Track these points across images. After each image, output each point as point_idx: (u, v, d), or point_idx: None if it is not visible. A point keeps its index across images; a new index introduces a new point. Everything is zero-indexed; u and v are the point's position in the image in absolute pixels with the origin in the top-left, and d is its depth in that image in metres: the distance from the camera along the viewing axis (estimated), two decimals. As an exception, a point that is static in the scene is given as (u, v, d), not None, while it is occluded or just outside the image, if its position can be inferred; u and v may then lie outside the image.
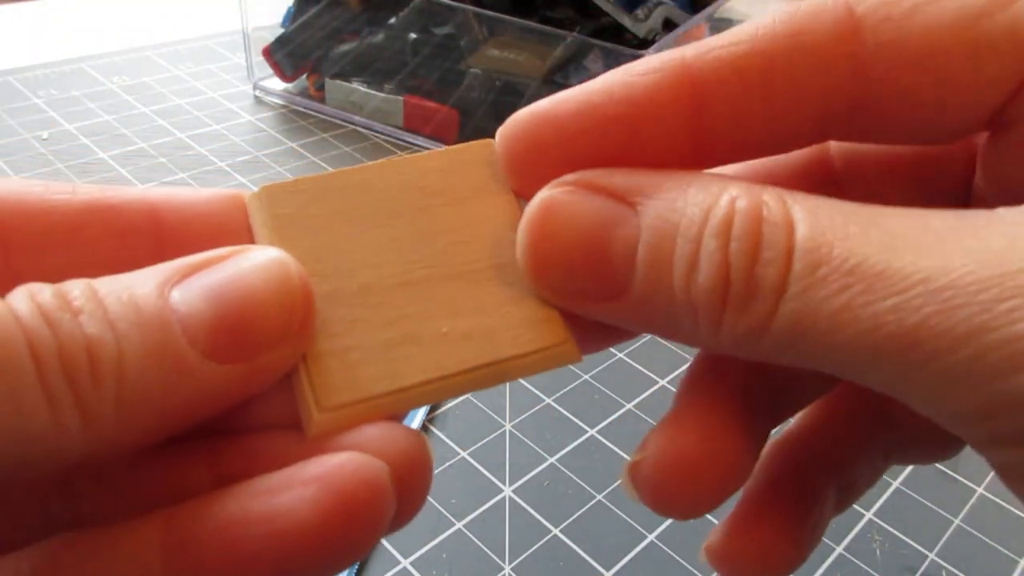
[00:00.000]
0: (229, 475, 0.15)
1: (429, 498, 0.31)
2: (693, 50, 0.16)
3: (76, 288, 0.13)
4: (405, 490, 0.15)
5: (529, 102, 0.18)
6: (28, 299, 0.13)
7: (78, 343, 0.13)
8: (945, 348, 0.12)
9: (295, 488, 0.14)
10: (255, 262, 0.15)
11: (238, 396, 0.15)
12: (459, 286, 0.17)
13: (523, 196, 0.17)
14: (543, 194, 0.16)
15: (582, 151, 0.16)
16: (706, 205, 0.14)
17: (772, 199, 0.14)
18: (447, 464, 0.33)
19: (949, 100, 0.16)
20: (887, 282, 0.13)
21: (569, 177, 0.16)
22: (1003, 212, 0.13)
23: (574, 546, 0.30)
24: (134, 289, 0.14)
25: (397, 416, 0.17)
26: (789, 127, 0.16)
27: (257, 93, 0.61)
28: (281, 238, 0.16)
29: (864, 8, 0.16)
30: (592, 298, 0.16)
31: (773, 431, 0.19)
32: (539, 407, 0.36)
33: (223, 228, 0.16)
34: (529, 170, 0.17)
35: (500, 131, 0.17)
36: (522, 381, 0.38)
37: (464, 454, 0.33)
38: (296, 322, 0.15)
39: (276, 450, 0.16)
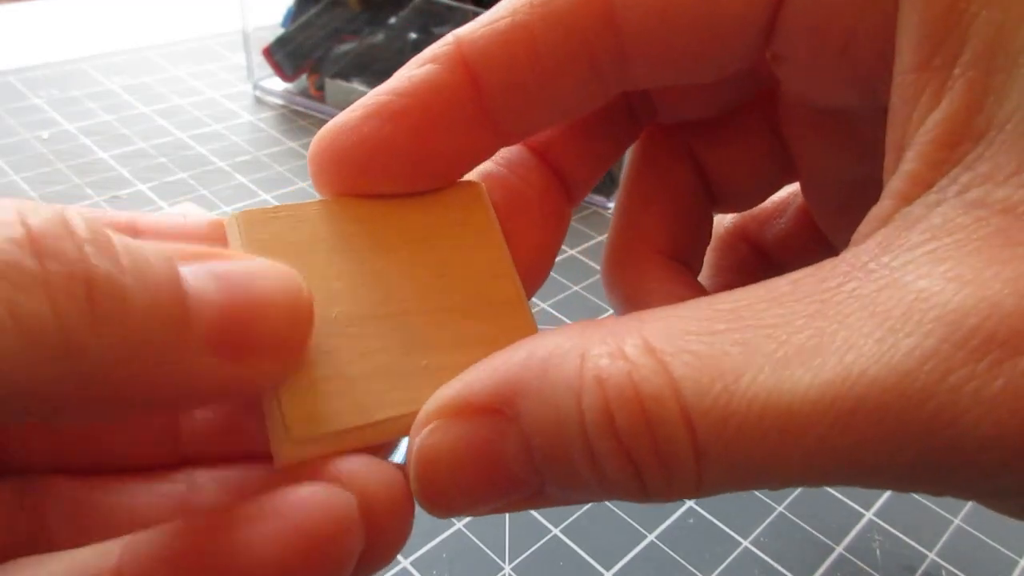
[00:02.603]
0: (199, 507, 0.15)
1: (429, 498, 0.31)
2: (466, 30, 0.16)
3: (78, 217, 0.12)
4: (381, 529, 0.14)
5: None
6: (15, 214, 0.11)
7: (77, 271, 0.11)
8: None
9: (257, 522, 0.13)
10: (269, 266, 0.14)
11: (217, 395, 0.14)
12: (439, 321, 0.16)
13: (351, 195, 0.17)
14: (415, 446, 0.14)
15: (385, 151, 0.16)
16: (574, 391, 0.13)
17: (639, 354, 0.13)
18: (447, 464, 0.33)
19: (700, 29, 0.16)
20: (800, 419, 0.12)
21: (432, 407, 0.15)
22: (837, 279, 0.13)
23: (574, 546, 0.30)
24: (145, 249, 0.13)
25: (372, 447, 0.16)
26: (565, 90, 0.16)
27: (257, 93, 0.61)
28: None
29: None
30: (516, 504, 0.15)
31: None
32: (539, 407, 0.36)
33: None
34: (343, 181, 0.17)
35: (309, 152, 0.17)
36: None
37: (464, 454, 0.33)
38: (299, 335, 0.14)
39: (247, 479, 0.15)
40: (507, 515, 0.30)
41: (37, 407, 0.12)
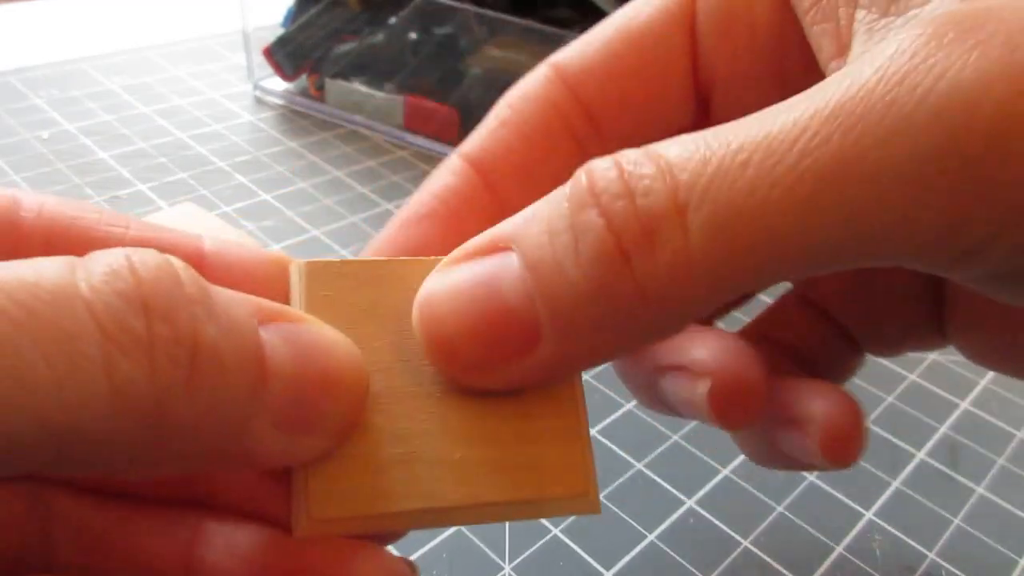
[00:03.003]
0: (202, 561, 0.15)
1: (429, 498, 0.31)
2: (467, 142, 0.19)
3: (186, 270, 0.12)
4: None
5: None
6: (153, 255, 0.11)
7: (184, 336, 0.11)
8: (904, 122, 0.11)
9: None
10: (339, 340, 0.14)
11: (266, 464, 0.14)
12: (482, 410, 0.15)
13: None
14: (419, 298, 0.15)
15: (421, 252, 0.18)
16: (564, 191, 0.14)
17: (630, 150, 0.13)
18: (447, 464, 0.33)
19: None
20: (783, 139, 0.12)
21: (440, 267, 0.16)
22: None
23: (574, 546, 0.30)
24: (234, 307, 0.12)
25: (393, 532, 0.16)
26: (556, 163, 0.19)
27: (257, 93, 0.61)
28: (315, 312, 0.15)
29: None
30: (513, 356, 0.14)
31: None
32: (539, 407, 0.36)
33: (264, 288, 0.15)
34: None
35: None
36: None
37: (464, 454, 0.33)
38: (355, 418, 0.14)
39: (255, 548, 0.15)
40: (507, 515, 0.31)
41: (113, 463, 0.12)
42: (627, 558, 0.29)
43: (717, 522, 0.31)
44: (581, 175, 0.14)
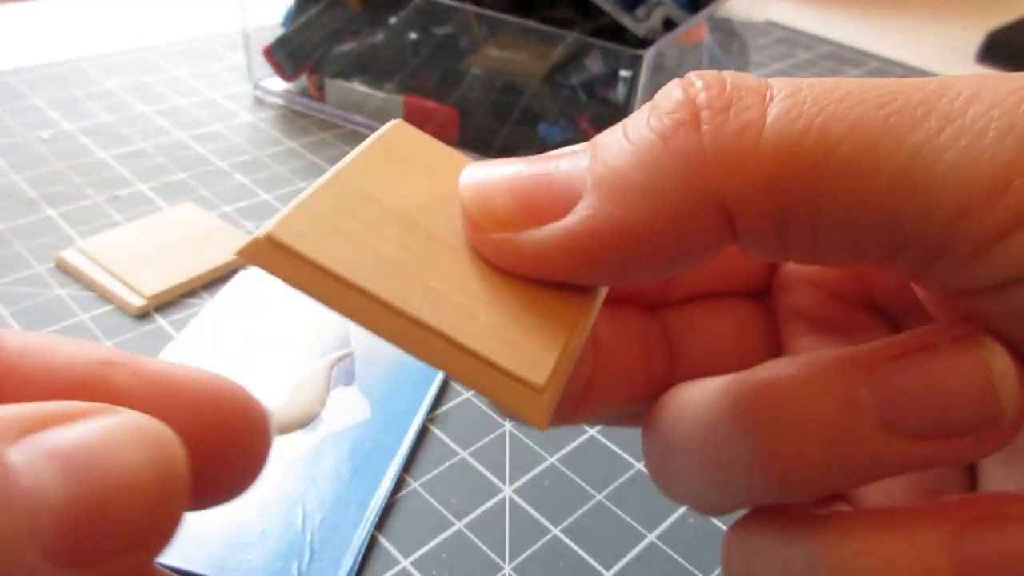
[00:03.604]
0: None
1: (429, 498, 0.31)
2: None
3: None
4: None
5: (529, 102, 0.18)
6: None
7: None
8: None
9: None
10: (130, 427, 0.10)
11: None
12: (488, 278, 0.15)
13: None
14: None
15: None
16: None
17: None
18: (447, 464, 0.33)
19: None
20: (878, 81, 0.13)
21: None
22: None
23: (574, 546, 0.30)
24: None
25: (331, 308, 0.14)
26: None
27: (257, 93, 0.61)
28: (377, 149, 0.17)
29: None
30: (543, 216, 0.14)
31: None
32: (539, 407, 0.36)
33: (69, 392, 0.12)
34: None
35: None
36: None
37: (464, 454, 0.33)
38: (166, 520, 0.10)
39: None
40: (507, 515, 0.30)
41: None
42: (627, 558, 0.30)
43: (716, 522, 0.31)
44: (674, 89, 0.14)
